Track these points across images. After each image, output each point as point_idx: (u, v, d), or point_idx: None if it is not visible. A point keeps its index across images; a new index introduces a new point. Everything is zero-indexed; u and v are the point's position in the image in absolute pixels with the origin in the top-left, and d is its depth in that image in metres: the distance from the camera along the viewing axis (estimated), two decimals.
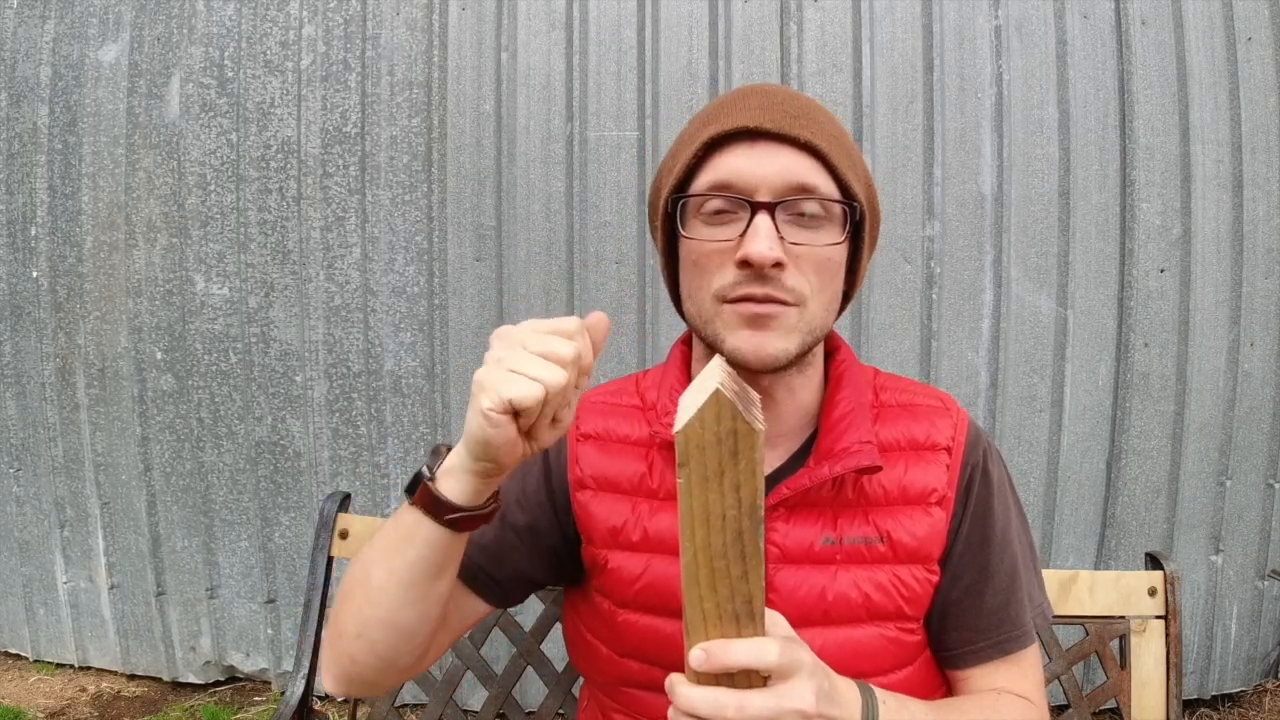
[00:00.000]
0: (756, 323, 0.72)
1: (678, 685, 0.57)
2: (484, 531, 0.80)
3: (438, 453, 0.69)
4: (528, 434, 0.62)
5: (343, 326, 2.17)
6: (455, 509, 0.65)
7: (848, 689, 0.65)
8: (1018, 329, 2.08)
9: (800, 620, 0.75)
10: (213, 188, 2.19)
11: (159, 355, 2.24)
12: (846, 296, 0.81)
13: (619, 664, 0.81)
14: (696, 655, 0.55)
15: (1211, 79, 2.06)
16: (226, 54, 2.16)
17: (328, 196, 2.15)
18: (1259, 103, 2.08)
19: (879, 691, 0.68)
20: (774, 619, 0.60)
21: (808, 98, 0.78)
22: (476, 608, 0.83)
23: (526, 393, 0.58)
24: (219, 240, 2.19)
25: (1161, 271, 2.08)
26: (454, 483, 0.65)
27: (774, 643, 0.56)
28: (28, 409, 2.33)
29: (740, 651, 0.55)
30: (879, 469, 0.75)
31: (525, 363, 0.60)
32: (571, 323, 0.62)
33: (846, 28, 2.05)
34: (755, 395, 0.55)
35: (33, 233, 2.28)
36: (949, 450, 0.80)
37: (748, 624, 0.55)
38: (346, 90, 2.13)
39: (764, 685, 0.57)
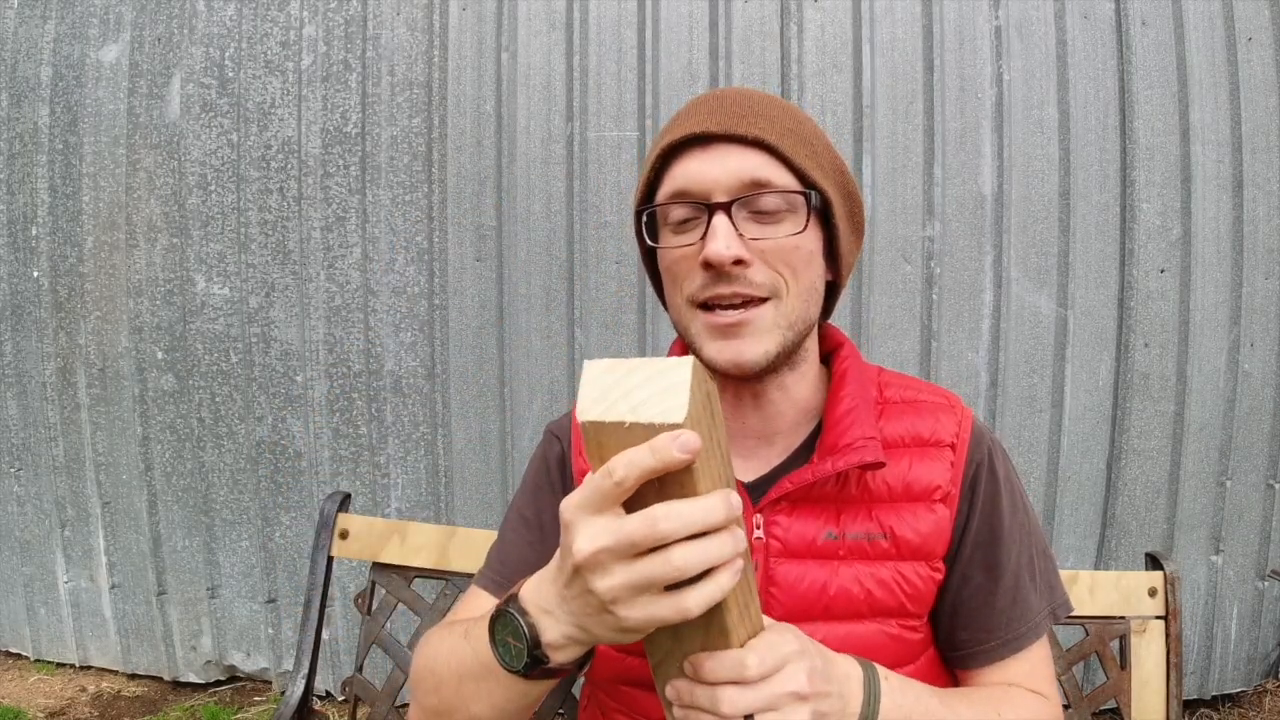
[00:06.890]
0: (728, 332, 0.72)
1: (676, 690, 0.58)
2: (512, 554, 0.84)
3: (522, 624, 0.57)
4: None
5: (343, 326, 2.17)
6: (568, 672, 0.59)
7: (846, 664, 0.65)
8: (1018, 329, 2.08)
9: (801, 614, 0.75)
10: (213, 188, 2.19)
11: (160, 355, 2.24)
12: (836, 287, 0.80)
13: (620, 660, 0.81)
14: (670, 693, 0.56)
15: (1211, 79, 2.06)
16: (227, 54, 2.17)
17: (328, 196, 2.15)
18: (1259, 103, 2.07)
19: (881, 668, 0.68)
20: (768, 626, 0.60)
21: (767, 95, 0.77)
22: None
23: (686, 611, 0.49)
24: (219, 240, 2.20)
25: (1161, 272, 2.08)
26: (566, 655, 0.57)
27: (751, 654, 0.56)
28: (29, 409, 2.33)
29: (718, 668, 0.55)
30: (882, 465, 0.75)
31: (670, 575, 0.48)
32: (718, 508, 0.48)
33: (846, 28, 2.05)
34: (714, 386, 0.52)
35: (34, 233, 2.28)
36: (953, 447, 0.79)
37: (719, 637, 0.55)
38: (347, 90, 2.14)
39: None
